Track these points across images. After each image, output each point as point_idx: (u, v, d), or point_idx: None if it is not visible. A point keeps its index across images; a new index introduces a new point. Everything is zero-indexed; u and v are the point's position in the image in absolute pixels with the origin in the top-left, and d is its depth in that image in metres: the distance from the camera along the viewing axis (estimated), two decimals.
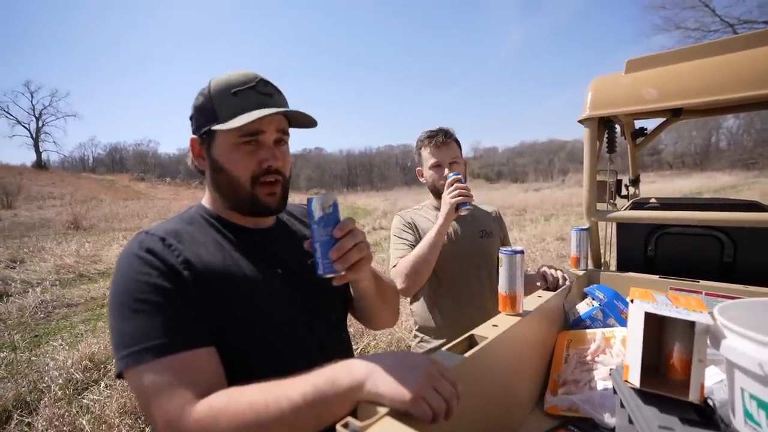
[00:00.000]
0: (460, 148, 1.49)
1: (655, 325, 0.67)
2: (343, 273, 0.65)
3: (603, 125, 1.53)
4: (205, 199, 0.79)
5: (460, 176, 1.28)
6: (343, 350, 0.82)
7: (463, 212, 1.27)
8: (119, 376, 0.58)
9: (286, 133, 0.77)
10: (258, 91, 0.71)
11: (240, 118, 0.67)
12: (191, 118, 0.76)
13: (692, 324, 0.60)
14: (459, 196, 1.23)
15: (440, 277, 1.43)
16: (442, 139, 1.41)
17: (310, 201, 0.65)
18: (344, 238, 0.64)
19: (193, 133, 0.75)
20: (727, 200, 1.68)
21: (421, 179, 1.53)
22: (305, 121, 0.78)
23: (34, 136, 46.08)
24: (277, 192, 0.74)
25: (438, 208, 1.53)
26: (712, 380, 0.76)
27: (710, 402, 0.61)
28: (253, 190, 0.72)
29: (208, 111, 0.71)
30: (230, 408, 0.53)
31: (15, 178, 22.91)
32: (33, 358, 3.13)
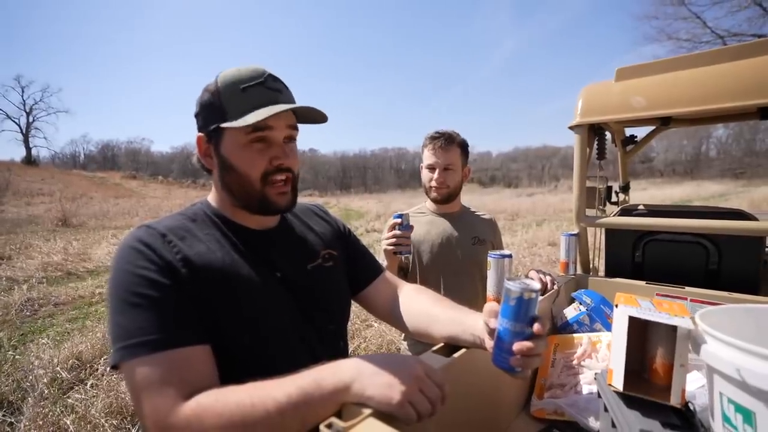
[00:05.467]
0: (466, 155, 1.48)
1: (639, 330, 0.68)
2: (518, 371, 0.60)
3: (593, 132, 1.55)
4: (211, 196, 0.78)
5: (400, 219, 1.19)
6: (337, 359, 0.81)
7: (403, 258, 1.19)
8: (114, 367, 0.59)
9: (296, 129, 0.75)
10: (267, 87, 0.70)
11: (250, 115, 0.66)
12: (197, 115, 0.74)
13: (674, 329, 0.62)
14: (394, 244, 1.18)
15: (431, 282, 1.43)
16: (442, 143, 1.41)
17: (507, 283, 0.60)
18: (537, 339, 0.59)
19: (199, 130, 0.73)
20: (713, 208, 1.71)
21: None
22: (314, 117, 0.76)
23: (24, 131, 45.30)
24: (287, 191, 0.73)
25: (432, 211, 1.54)
26: (694, 385, 0.77)
27: (691, 406, 0.62)
28: (263, 189, 0.71)
29: (216, 108, 0.69)
30: (217, 408, 0.53)
31: (3, 173, 22.53)
32: (17, 357, 3.07)
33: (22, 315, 4.10)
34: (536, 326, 0.59)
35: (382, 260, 1.37)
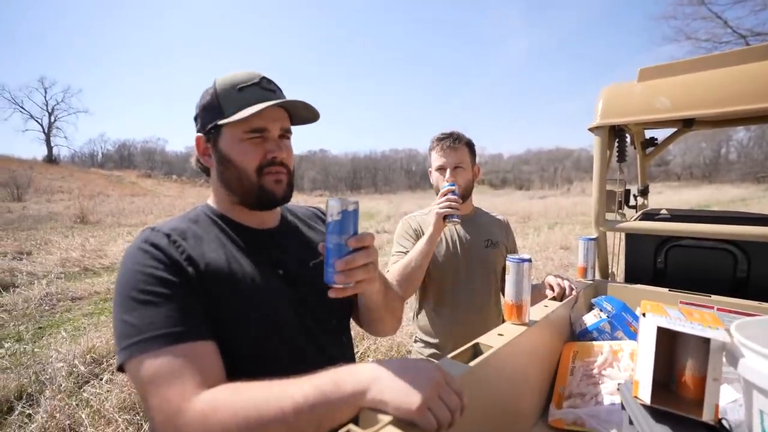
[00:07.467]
0: (473, 153, 1.46)
1: (667, 340, 0.65)
2: (342, 287, 0.61)
3: (614, 134, 1.51)
4: (211, 198, 0.81)
5: (454, 187, 1.26)
6: (342, 354, 0.82)
7: (450, 223, 1.25)
8: (120, 368, 0.58)
9: (289, 132, 0.79)
10: (262, 87, 0.73)
11: (247, 109, 0.69)
12: (196, 118, 0.78)
13: (707, 341, 0.59)
14: (447, 207, 1.23)
15: (444, 285, 1.41)
16: (450, 143, 1.39)
17: (329, 200, 0.61)
18: (358, 252, 0.61)
19: (199, 131, 0.77)
20: (741, 213, 1.65)
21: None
22: (307, 115, 0.79)
23: (46, 130, 46.63)
24: (283, 180, 0.75)
25: None
26: (725, 399, 0.74)
27: (725, 423, 0.59)
28: (260, 180, 0.73)
29: (215, 108, 0.73)
30: (233, 402, 0.52)
31: (26, 171, 23.23)
32: (36, 350, 3.15)
33: (41, 309, 4.21)
34: (354, 238, 0.60)
35: (391, 264, 1.36)
